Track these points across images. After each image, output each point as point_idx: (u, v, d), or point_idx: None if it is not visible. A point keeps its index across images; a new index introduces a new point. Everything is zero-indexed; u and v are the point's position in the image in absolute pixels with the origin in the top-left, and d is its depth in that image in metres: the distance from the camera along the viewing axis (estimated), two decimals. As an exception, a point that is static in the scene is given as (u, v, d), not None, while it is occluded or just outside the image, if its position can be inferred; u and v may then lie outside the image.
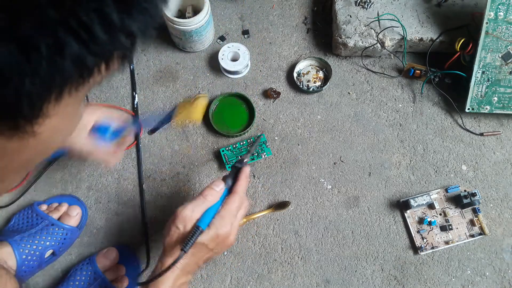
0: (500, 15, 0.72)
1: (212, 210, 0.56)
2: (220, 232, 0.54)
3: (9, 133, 0.24)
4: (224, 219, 0.55)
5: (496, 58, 0.74)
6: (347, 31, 0.81)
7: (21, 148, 0.26)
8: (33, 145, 0.27)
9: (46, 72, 0.21)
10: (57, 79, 0.22)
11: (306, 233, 0.74)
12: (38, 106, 0.23)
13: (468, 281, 0.71)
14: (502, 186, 0.76)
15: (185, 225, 0.54)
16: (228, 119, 0.81)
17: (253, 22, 0.89)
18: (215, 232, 0.54)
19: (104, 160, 0.66)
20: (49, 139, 0.28)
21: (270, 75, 0.85)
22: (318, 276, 0.72)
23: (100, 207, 0.77)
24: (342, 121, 0.81)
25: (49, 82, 0.22)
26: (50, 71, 0.22)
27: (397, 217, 0.75)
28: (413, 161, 0.78)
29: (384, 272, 0.72)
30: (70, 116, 0.28)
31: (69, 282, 0.68)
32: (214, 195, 0.57)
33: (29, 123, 0.24)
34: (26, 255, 0.66)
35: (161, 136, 0.81)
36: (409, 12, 0.82)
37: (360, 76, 0.85)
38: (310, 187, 0.77)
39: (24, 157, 0.29)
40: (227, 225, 0.55)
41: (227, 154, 0.78)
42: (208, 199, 0.56)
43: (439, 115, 0.81)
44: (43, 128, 0.25)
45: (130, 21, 0.24)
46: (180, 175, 0.79)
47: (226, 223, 0.55)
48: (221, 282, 0.72)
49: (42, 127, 0.25)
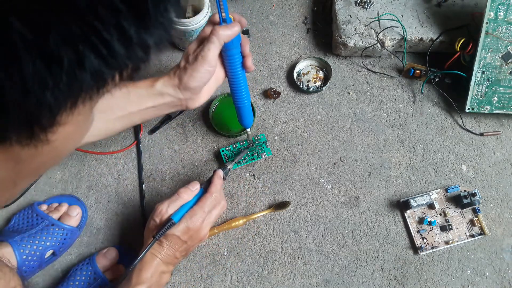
0: (500, 15, 0.72)
1: (186, 207, 0.63)
2: (191, 225, 0.61)
3: (24, 141, 0.24)
4: (196, 215, 0.61)
5: (496, 58, 0.74)
6: (347, 31, 0.81)
7: (34, 155, 0.27)
8: (46, 152, 0.27)
9: (66, 84, 0.22)
10: (75, 91, 0.23)
11: (306, 233, 0.74)
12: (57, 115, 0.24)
13: (468, 281, 0.71)
14: (502, 186, 0.76)
15: (160, 218, 0.62)
16: (228, 119, 0.81)
17: (253, 22, 0.89)
18: (186, 225, 0.61)
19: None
20: (61, 146, 0.29)
21: (270, 75, 0.85)
22: (318, 276, 0.72)
23: (100, 207, 0.77)
24: (342, 121, 0.81)
25: (68, 94, 0.23)
26: (70, 84, 0.22)
27: (397, 217, 0.75)
28: (413, 161, 0.78)
29: (384, 272, 0.72)
30: (81, 124, 0.29)
31: (69, 282, 0.68)
32: (189, 193, 0.64)
33: (44, 132, 0.25)
34: (26, 255, 0.66)
35: (161, 136, 0.81)
36: (409, 12, 0.82)
37: (360, 76, 0.85)
38: (310, 187, 0.77)
39: (36, 164, 0.29)
40: (198, 220, 0.61)
41: (227, 154, 0.78)
42: (182, 196, 0.63)
43: (439, 115, 0.81)
44: (56, 136, 0.26)
45: (147, 35, 0.24)
46: (180, 175, 0.79)
47: (197, 218, 0.61)
48: (221, 282, 0.72)
49: (56, 135, 0.26)
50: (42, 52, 0.20)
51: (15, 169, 0.28)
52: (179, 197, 0.63)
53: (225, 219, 0.75)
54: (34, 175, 0.33)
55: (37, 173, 0.34)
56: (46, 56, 0.21)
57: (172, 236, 0.60)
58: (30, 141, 0.24)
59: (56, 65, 0.21)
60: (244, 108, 0.67)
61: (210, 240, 0.74)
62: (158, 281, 0.61)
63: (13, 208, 0.76)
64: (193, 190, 0.64)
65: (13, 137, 0.23)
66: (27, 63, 0.20)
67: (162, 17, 0.25)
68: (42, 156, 0.28)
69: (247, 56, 0.61)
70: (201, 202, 0.63)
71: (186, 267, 0.72)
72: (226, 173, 0.69)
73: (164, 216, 0.61)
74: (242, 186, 0.77)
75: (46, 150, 0.27)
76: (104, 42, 0.22)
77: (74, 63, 0.22)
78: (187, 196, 0.63)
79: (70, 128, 0.27)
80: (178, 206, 0.62)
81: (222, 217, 0.76)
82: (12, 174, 0.29)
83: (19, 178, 0.31)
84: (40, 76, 0.21)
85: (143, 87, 0.60)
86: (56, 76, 0.21)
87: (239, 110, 0.68)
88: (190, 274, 0.72)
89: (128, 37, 0.23)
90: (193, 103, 0.62)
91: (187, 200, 0.63)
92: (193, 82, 0.59)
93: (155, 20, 0.24)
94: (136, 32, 0.23)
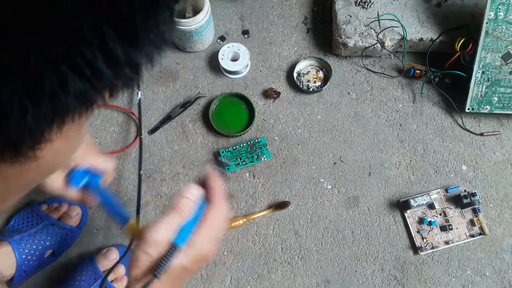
0: (500, 15, 0.72)
1: (190, 225, 0.44)
2: (202, 251, 0.44)
3: (11, 160, 0.23)
4: (206, 235, 0.44)
5: (496, 58, 0.74)
6: (347, 31, 0.81)
7: (22, 172, 0.26)
8: (34, 168, 0.26)
9: (49, 107, 0.21)
10: (59, 113, 0.22)
11: (306, 233, 0.74)
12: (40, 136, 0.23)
13: (468, 281, 0.71)
14: (502, 186, 0.76)
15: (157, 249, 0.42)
16: (228, 119, 0.81)
17: (253, 22, 0.89)
18: (196, 251, 0.43)
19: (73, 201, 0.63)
20: (51, 161, 0.28)
21: (270, 75, 0.85)
22: (318, 276, 0.72)
23: (100, 207, 0.77)
24: (342, 121, 0.81)
25: (51, 117, 0.22)
26: (53, 107, 0.21)
27: (397, 217, 0.75)
28: (413, 161, 0.78)
29: (384, 272, 0.72)
30: (72, 139, 0.28)
31: (69, 282, 0.68)
32: (190, 205, 0.44)
33: (31, 150, 0.24)
34: (26, 255, 0.66)
35: (161, 136, 0.81)
36: (409, 12, 0.82)
37: (360, 76, 0.85)
38: (310, 187, 0.77)
39: (25, 180, 0.29)
40: (210, 242, 0.45)
41: (227, 156, 0.78)
42: (182, 213, 0.44)
43: (439, 115, 0.81)
44: (44, 152, 0.25)
45: (135, 53, 0.23)
46: (180, 175, 0.79)
47: (208, 240, 0.44)
48: (221, 282, 0.72)
49: (44, 151, 0.25)
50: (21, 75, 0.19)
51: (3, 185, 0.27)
52: (179, 214, 0.43)
53: (225, 219, 0.75)
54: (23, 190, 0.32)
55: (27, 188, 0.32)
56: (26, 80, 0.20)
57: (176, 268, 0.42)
58: (16, 159, 0.23)
59: (37, 89, 0.20)
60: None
61: (210, 240, 0.74)
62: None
63: (13, 208, 0.76)
64: (193, 200, 0.45)
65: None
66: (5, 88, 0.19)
67: (153, 33, 0.23)
68: (31, 173, 0.27)
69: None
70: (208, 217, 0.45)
71: (186, 267, 0.72)
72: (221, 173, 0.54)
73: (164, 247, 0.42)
74: (242, 186, 0.77)
75: (34, 167, 0.26)
76: (88, 63, 0.21)
77: (56, 85, 0.20)
78: (188, 209, 0.44)
79: (60, 144, 0.26)
80: (177, 226, 0.43)
81: (222, 217, 0.76)
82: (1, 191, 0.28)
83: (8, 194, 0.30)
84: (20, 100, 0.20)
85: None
86: (37, 100, 0.20)
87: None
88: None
89: (115, 57, 0.22)
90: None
91: (190, 215, 0.44)
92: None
93: (145, 38, 0.23)
94: (123, 51, 0.22)
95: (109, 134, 0.81)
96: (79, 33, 0.20)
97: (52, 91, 0.20)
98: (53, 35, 0.19)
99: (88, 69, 0.21)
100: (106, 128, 0.81)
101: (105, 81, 0.22)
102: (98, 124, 0.82)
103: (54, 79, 0.20)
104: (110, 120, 0.82)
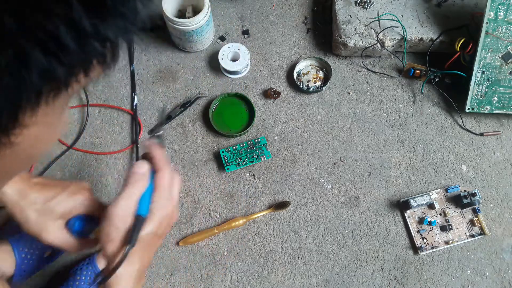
0: (500, 15, 0.72)
1: (147, 195, 0.49)
2: (164, 214, 0.49)
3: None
4: (163, 200, 0.49)
5: (496, 58, 0.74)
6: (347, 31, 0.81)
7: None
8: (11, 155, 0.25)
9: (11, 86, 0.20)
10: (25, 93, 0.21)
11: (306, 233, 0.74)
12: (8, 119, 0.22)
13: (468, 281, 0.71)
14: (502, 186, 0.76)
15: (124, 222, 0.47)
16: (228, 119, 0.81)
17: (253, 22, 0.89)
18: (159, 216, 0.49)
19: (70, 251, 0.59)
20: (30, 148, 0.26)
21: (270, 75, 0.85)
22: (318, 276, 0.72)
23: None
24: (342, 121, 0.81)
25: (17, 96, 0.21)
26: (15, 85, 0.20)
27: (397, 217, 0.75)
28: (413, 161, 0.78)
29: (384, 272, 0.72)
30: (51, 125, 0.27)
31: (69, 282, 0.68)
32: (142, 179, 0.49)
33: (4, 135, 0.22)
34: (25, 254, 0.66)
35: (161, 136, 0.81)
36: (409, 12, 0.82)
37: (360, 76, 0.85)
38: (310, 187, 0.77)
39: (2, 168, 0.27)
40: (168, 205, 0.50)
41: (227, 156, 0.78)
42: (136, 185, 0.48)
43: (439, 115, 0.81)
44: (20, 138, 0.24)
45: (104, 27, 0.22)
46: (180, 175, 0.78)
47: (166, 204, 0.50)
48: (221, 282, 0.72)
49: (20, 137, 0.24)
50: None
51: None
52: (134, 188, 0.48)
53: (225, 219, 0.75)
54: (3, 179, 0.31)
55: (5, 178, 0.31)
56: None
57: (146, 236, 0.48)
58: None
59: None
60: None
61: (210, 240, 0.74)
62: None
63: (13, 208, 0.76)
64: (144, 173, 0.50)
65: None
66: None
67: (123, 6, 0.22)
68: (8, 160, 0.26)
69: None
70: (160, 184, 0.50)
71: (186, 267, 0.72)
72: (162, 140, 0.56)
73: (129, 218, 0.47)
74: (242, 186, 0.77)
75: (11, 153, 0.25)
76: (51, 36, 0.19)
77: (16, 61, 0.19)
78: (142, 182, 0.49)
79: (37, 129, 0.24)
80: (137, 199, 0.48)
81: (222, 217, 0.76)
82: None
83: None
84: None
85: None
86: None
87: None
88: (190, 274, 0.72)
89: (81, 29, 0.20)
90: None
91: (144, 187, 0.49)
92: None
93: (114, 10, 0.22)
94: (90, 24, 0.20)
95: (109, 134, 0.81)
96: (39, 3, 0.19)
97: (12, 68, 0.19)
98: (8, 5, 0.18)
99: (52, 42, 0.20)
100: (106, 128, 0.81)
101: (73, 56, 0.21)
102: (98, 124, 0.82)
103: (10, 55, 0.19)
104: (110, 120, 0.82)
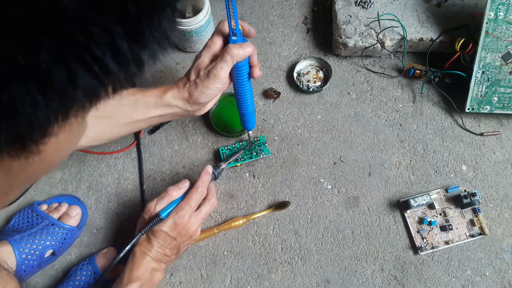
0: (500, 15, 0.72)
1: (174, 203, 0.64)
2: (178, 221, 0.62)
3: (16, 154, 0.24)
4: (182, 210, 0.62)
5: (496, 58, 0.74)
6: (347, 31, 0.81)
7: (26, 166, 0.27)
8: (37, 162, 0.27)
9: (58, 103, 0.22)
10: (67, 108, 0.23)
11: (306, 233, 0.74)
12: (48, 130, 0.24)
13: (468, 281, 0.71)
14: (502, 186, 0.76)
15: (149, 215, 0.64)
16: (228, 119, 0.81)
17: (253, 22, 0.89)
18: (173, 220, 0.62)
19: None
20: (54, 155, 0.28)
21: (270, 75, 0.85)
22: (318, 276, 0.72)
23: (100, 207, 0.77)
24: (342, 121, 0.81)
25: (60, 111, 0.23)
26: (62, 102, 0.22)
27: (397, 217, 0.75)
28: (413, 161, 0.78)
29: (384, 272, 0.72)
30: (74, 132, 0.29)
31: (69, 282, 0.68)
32: (177, 191, 0.65)
33: (35, 144, 0.24)
34: (26, 255, 0.66)
35: (161, 136, 0.81)
36: (409, 12, 0.82)
37: (360, 76, 0.85)
38: (310, 187, 0.77)
39: (28, 174, 0.29)
40: (185, 215, 0.62)
41: (226, 153, 0.78)
42: (170, 193, 0.64)
43: (439, 115, 0.81)
44: (48, 146, 0.26)
45: (141, 51, 0.24)
46: (180, 175, 0.79)
47: (183, 213, 0.62)
48: (221, 282, 0.72)
49: (47, 145, 0.26)
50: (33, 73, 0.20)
51: (6, 180, 0.28)
52: (167, 194, 0.64)
53: (225, 219, 0.75)
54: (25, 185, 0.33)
55: (29, 182, 0.33)
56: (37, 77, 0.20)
57: (160, 232, 0.62)
58: (21, 153, 0.24)
59: (48, 86, 0.21)
60: (248, 114, 0.68)
61: (210, 240, 0.74)
62: (150, 279, 0.61)
63: (13, 208, 0.76)
64: (181, 188, 0.66)
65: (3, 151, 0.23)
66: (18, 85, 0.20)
67: (157, 32, 0.25)
68: (34, 167, 0.28)
69: (255, 66, 0.61)
70: (187, 197, 0.64)
71: (186, 267, 0.72)
72: (219, 172, 0.69)
73: (153, 213, 0.64)
74: (242, 186, 0.77)
75: (37, 160, 0.26)
76: (97, 60, 0.22)
77: (66, 82, 0.21)
78: (176, 193, 0.65)
79: (62, 138, 0.27)
80: (167, 203, 0.64)
81: (222, 217, 0.76)
82: (3, 185, 0.28)
83: (11, 188, 0.30)
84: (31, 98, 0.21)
85: (151, 97, 0.61)
86: (48, 97, 0.21)
87: (243, 116, 0.68)
88: (190, 274, 0.72)
89: (122, 54, 0.23)
90: (199, 112, 0.65)
91: (176, 197, 0.65)
92: (204, 98, 0.61)
93: (149, 36, 0.24)
94: (130, 49, 0.23)
95: (109, 134, 0.81)
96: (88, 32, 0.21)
97: (63, 88, 0.21)
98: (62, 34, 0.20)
99: (97, 65, 0.22)
100: (106, 128, 0.81)
101: (112, 76, 0.23)
102: (98, 124, 0.81)
103: (64, 76, 0.21)
104: (110, 120, 0.82)
